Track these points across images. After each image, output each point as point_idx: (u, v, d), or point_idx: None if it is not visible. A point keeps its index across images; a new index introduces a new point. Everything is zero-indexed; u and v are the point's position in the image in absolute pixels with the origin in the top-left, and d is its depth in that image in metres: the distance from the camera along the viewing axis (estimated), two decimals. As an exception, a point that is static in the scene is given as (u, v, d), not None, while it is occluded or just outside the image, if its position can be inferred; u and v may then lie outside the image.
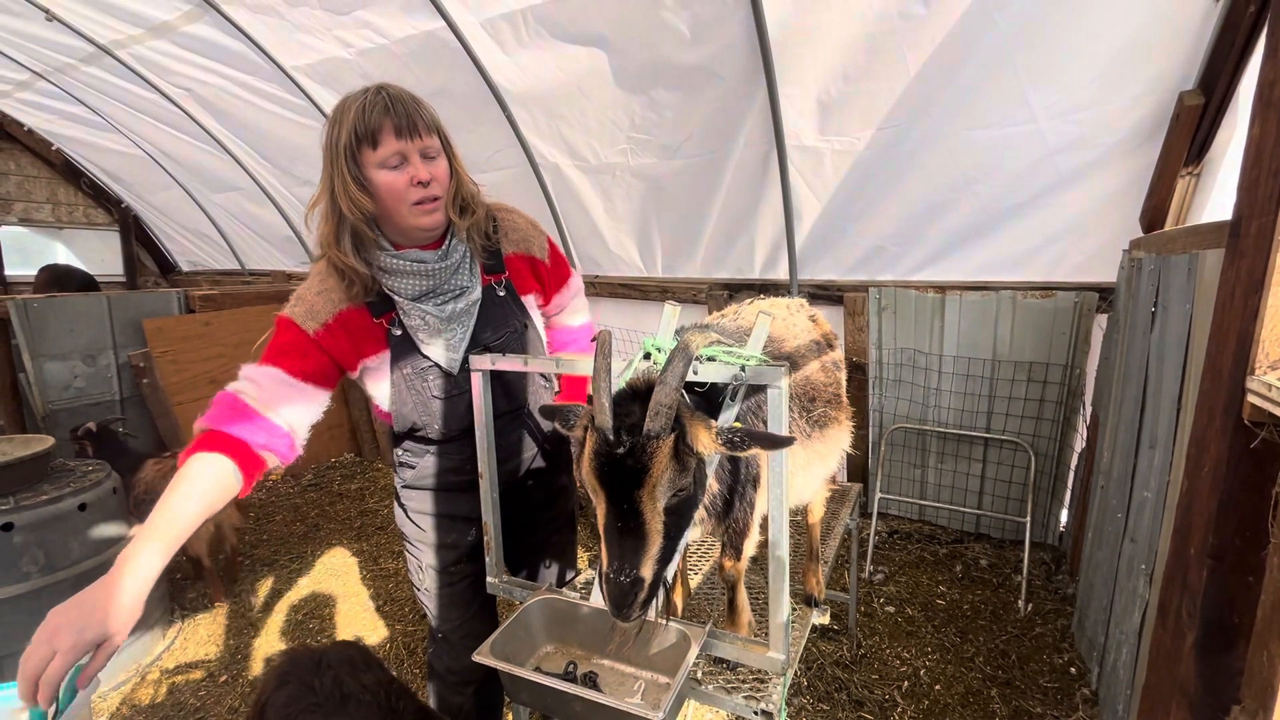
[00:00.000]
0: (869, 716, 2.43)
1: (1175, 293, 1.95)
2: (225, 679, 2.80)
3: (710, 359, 1.17)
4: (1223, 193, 2.43)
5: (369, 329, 1.47)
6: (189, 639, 3.09)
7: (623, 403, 1.11)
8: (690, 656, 1.26)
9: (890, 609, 3.08)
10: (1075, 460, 3.33)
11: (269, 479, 5.03)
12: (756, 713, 1.31)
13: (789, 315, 1.76)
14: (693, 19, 3.07)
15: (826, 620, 2.88)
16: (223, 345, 4.77)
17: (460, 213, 1.50)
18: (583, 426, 1.13)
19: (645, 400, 1.06)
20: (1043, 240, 3.14)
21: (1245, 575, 1.19)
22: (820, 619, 1.89)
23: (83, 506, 2.68)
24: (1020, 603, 3.05)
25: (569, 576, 1.91)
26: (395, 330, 1.48)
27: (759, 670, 1.39)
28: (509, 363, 1.45)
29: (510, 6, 3.37)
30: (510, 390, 1.63)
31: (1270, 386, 1.05)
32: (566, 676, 1.34)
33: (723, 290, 4.04)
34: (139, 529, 3.15)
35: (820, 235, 3.62)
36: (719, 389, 1.23)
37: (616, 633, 1.38)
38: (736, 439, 1.07)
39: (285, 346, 1.42)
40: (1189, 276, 1.83)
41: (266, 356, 1.42)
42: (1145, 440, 2.13)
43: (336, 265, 1.42)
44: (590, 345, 1.85)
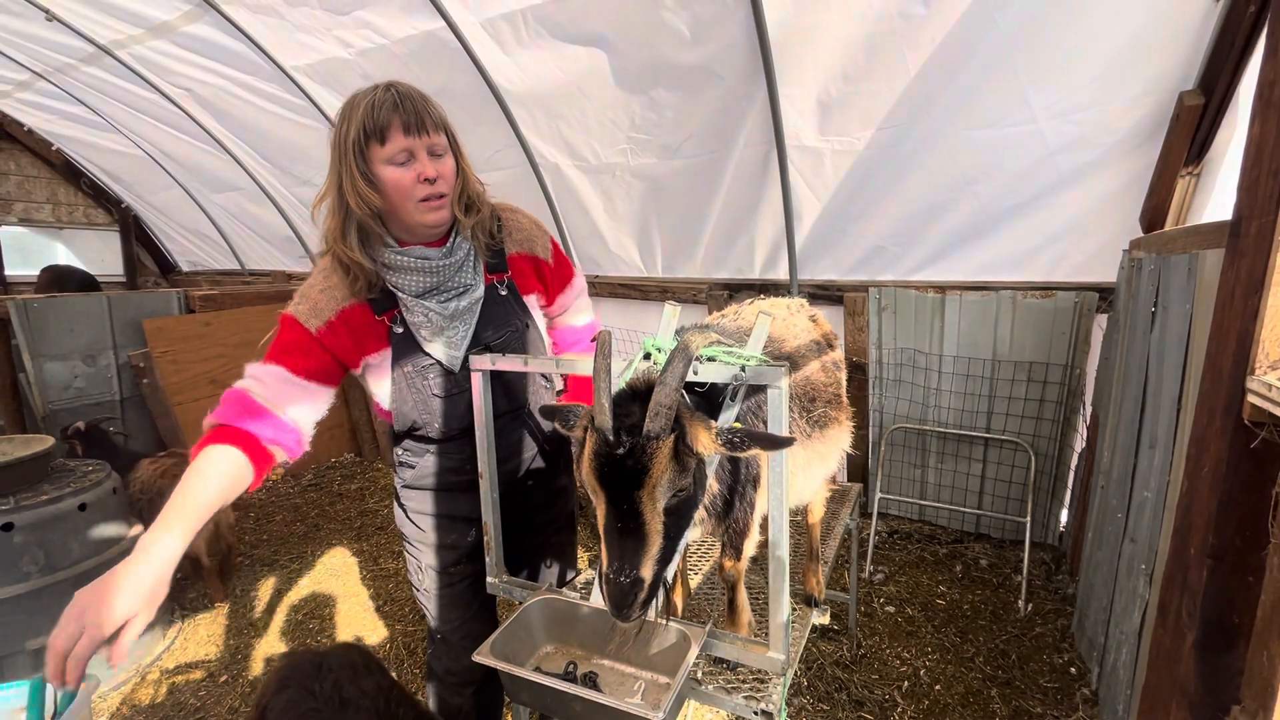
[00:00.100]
0: (869, 716, 2.43)
1: (1175, 293, 1.95)
2: (225, 679, 2.80)
3: (710, 359, 1.17)
4: (1223, 193, 2.43)
5: (371, 326, 1.48)
6: (189, 639, 3.09)
7: (622, 403, 1.11)
8: (690, 656, 1.26)
9: (890, 609, 3.08)
10: (1075, 460, 3.33)
11: (269, 479, 5.04)
12: (756, 713, 1.31)
13: (789, 315, 1.76)
14: (693, 19, 3.07)
15: (826, 620, 2.88)
16: (223, 345, 4.77)
17: (465, 211, 1.51)
18: (582, 427, 1.13)
19: (645, 401, 1.06)
20: (1043, 240, 3.14)
21: (1245, 575, 1.19)
22: (820, 619, 1.89)
23: (83, 506, 2.68)
24: (1020, 603, 3.06)
25: (569, 577, 1.91)
26: (397, 328, 1.49)
27: (759, 670, 1.39)
28: (509, 363, 1.45)
29: (510, 6, 3.37)
30: (511, 390, 1.63)
31: (1270, 386, 1.05)
32: (566, 676, 1.34)
33: (723, 290, 4.04)
34: (139, 529, 3.13)
35: (820, 235, 3.62)
36: (719, 389, 1.23)
37: (616, 633, 1.38)
38: (736, 439, 1.07)
39: (288, 345, 1.43)
40: (1189, 276, 1.83)
41: (270, 355, 1.43)
42: (1145, 440, 2.13)
43: (342, 260, 1.43)
44: (593, 345, 1.85)
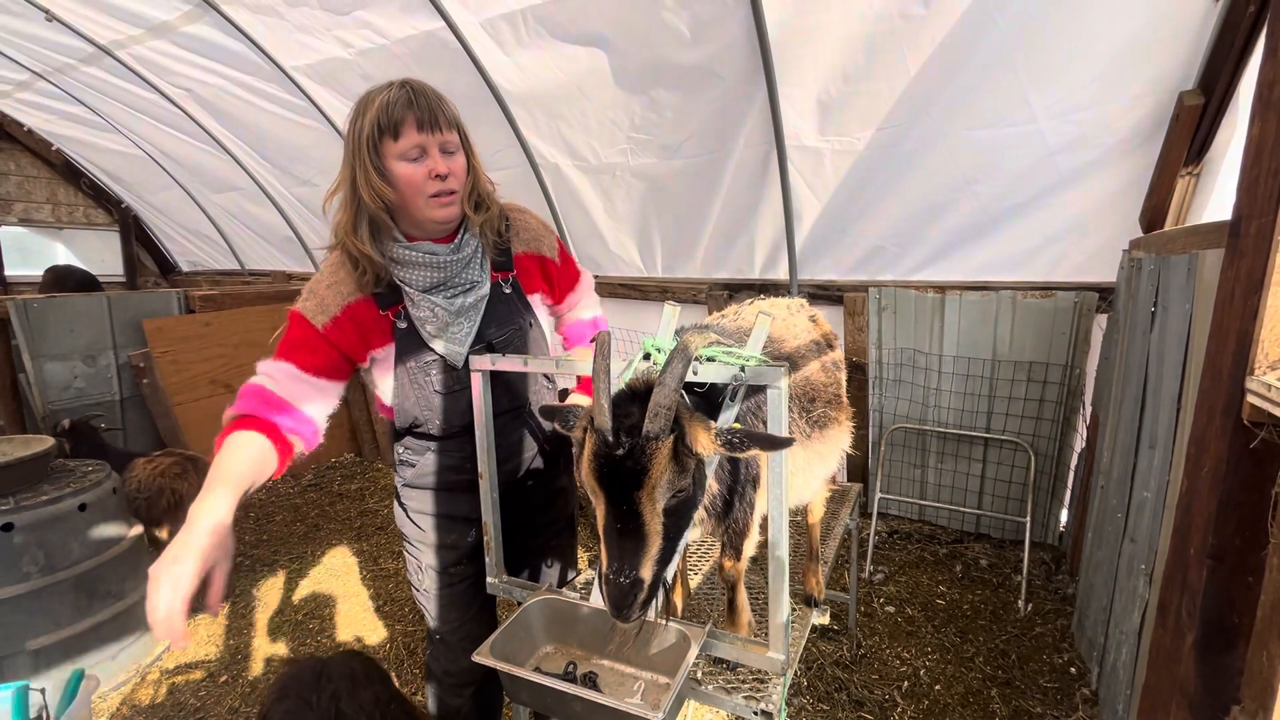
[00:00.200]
0: (869, 716, 2.43)
1: (1175, 293, 1.95)
2: (225, 679, 2.80)
3: (710, 359, 1.17)
4: (1222, 193, 2.43)
5: (376, 320, 1.50)
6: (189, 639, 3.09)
7: (622, 404, 1.11)
8: (690, 657, 1.26)
9: (890, 609, 3.08)
10: (1075, 460, 3.33)
11: (270, 478, 5.03)
12: (756, 713, 1.31)
13: (789, 315, 1.76)
14: (693, 19, 3.07)
15: (826, 620, 2.88)
16: (223, 345, 4.77)
17: (475, 208, 1.53)
18: (582, 427, 1.13)
19: (644, 401, 1.06)
20: (1043, 240, 3.14)
21: (1245, 575, 1.19)
22: (820, 619, 1.89)
23: (83, 507, 2.68)
24: (1020, 603, 3.05)
25: (570, 577, 1.91)
26: (401, 323, 1.50)
27: (759, 670, 1.39)
28: (509, 363, 1.45)
29: (510, 6, 3.37)
30: (512, 389, 1.63)
31: (1270, 386, 1.05)
32: (566, 677, 1.34)
33: (723, 290, 4.03)
34: (139, 529, 3.12)
35: (820, 235, 3.62)
36: (719, 389, 1.23)
37: (616, 633, 1.38)
38: (736, 440, 1.07)
39: (296, 342, 1.46)
40: (1189, 276, 1.83)
41: (280, 352, 1.46)
42: (1145, 440, 2.13)
43: (351, 253, 1.45)
44: (600, 320, 1.87)
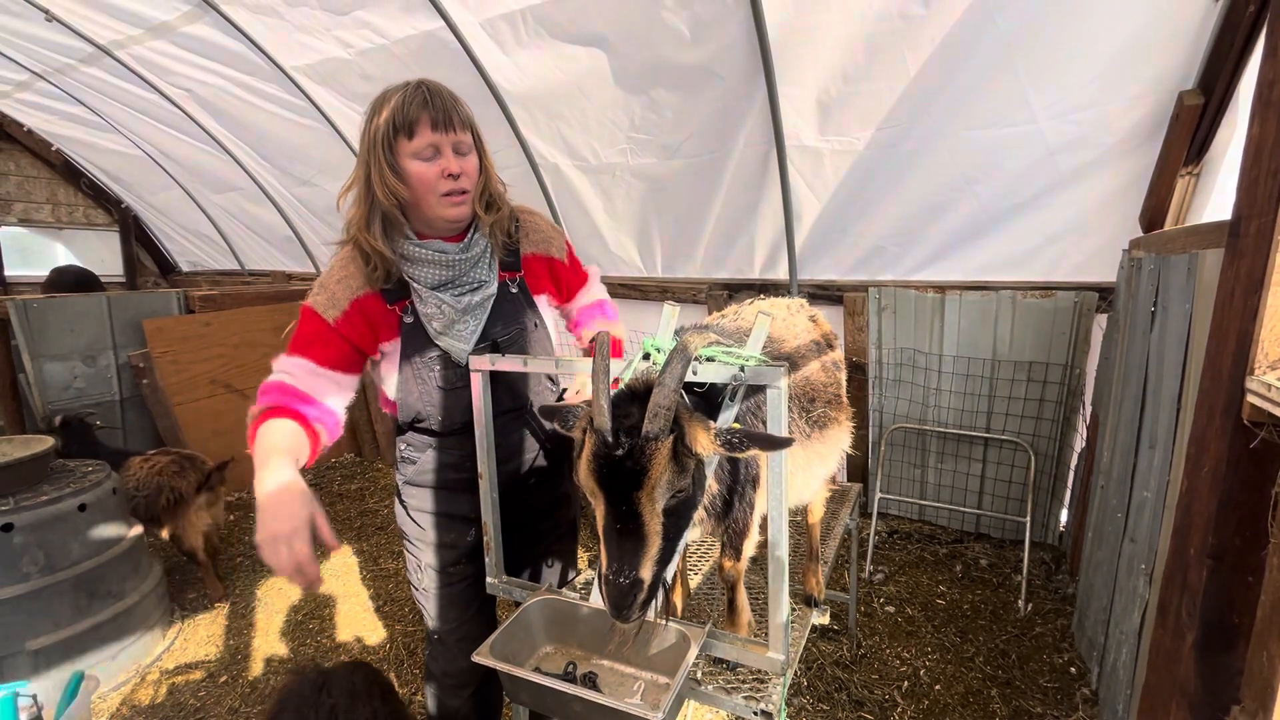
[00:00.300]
0: (869, 716, 2.43)
1: (1175, 292, 1.94)
2: (225, 679, 2.80)
3: (709, 359, 1.17)
4: (1222, 193, 2.43)
5: (384, 315, 1.52)
6: (189, 639, 3.08)
7: (621, 404, 1.11)
8: (690, 657, 1.26)
9: (890, 609, 3.08)
10: (1075, 460, 3.33)
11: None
12: (756, 713, 1.31)
13: (789, 315, 1.76)
14: (693, 19, 3.07)
15: (826, 620, 2.88)
16: (223, 345, 4.77)
17: (486, 208, 1.56)
18: (581, 428, 1.13)
19: (644, 401, 1.06)
20: (1043, 240, 3.14)
21: (1245, 575, 1.19)
22: (820, 619, 1.89)
23: (83, 507, 2.68)
24: (1020, 603, 3.05)
25: (570, 577, 1.91)
26: (407, 318, 1.52)
27: (759, 670, 1.39)
28: (508, 363, 1.45)
29: (510, 6, 3.37)
30: (514, 389, 1.64)
31: (1270, 386, 1.05)
32: (566, 677, 1.34)
33: (722, 290, 4.03)
34: (139, 529, 3.11)
35: (820, 235, 3.62)
36: (718, 389, 1.23)
37: (616, 633, 1.38)
38: (735, 440, 1.07)
39: (309, 337, 1.49)
40: (1189, 276, 1.83)
41: (294, 347, 1.49)
42: (1145, 440, 2.13)
43: (363, 249, 1.47)
44: (611, 312, 1.89)
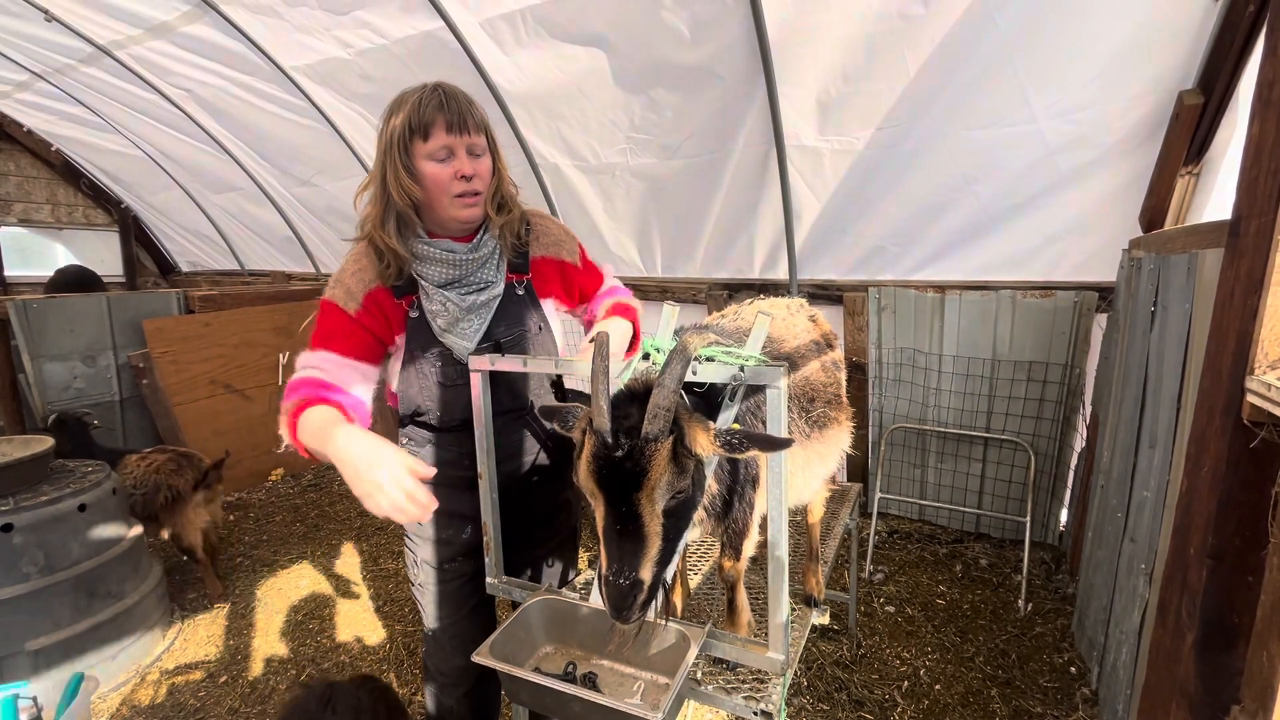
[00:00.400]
0: (869, 716, 2.43)
1: (1175, 292, 1.94)
2: (225, 679, 2.80)
3: (709, 359, 1.17)
4: (1222, 192, 2.43)
5: (393, 308, 1.55)
6: (189, 639, 3.08)
7: (621, 405, 1.11)
8: (690, 657, 1.26)
9: (890, 609, 3.08)
10: (1075, 460, 3.33)
11: (269, 478, 5.04)
12: (756, 713, 1.31)
13: (789, 315, 1.76)
14: (692, 19, 3.07)
15: (826, 620, 2.88)
16: (222, 345, 4.77)
17: (497, 210, 1.58)
18: (580, 429, 1.13)
19: (643, 402, 1.06)
20: (1042, 240, 3.14)
21: (1245, 575, 1.19)
22: (820, 619, 1.90)
23: (82, 507, 2.68)
24: (1020, 602, 3.05)
25: (570, 577, 1.91)
26: (413, 313, 1.54)
27: (759, 670, 1.39)
28: (508, 363, 1.46)
29: (509, 6, 3.37)
30: (514, 390, 1.64)
31: (1270, 386, 1.05)
32: (566, 677, 1.34)
33: (722, 290, 4.03)
34: (138, 529, 3.10)
35: (820, 235, 3.62)
36: (718, 389, 1.23)
37: (616, 633, 1.37)
38: (735, 441, 1.07)
39: (332, 330, 1.50)
40: (1188, 276, 1.83)
41: (317, 341, 1.50)
42: (1145, 440, 2.13)
43: (377, 246, 1.50)
44: (623, 292, 1.87)
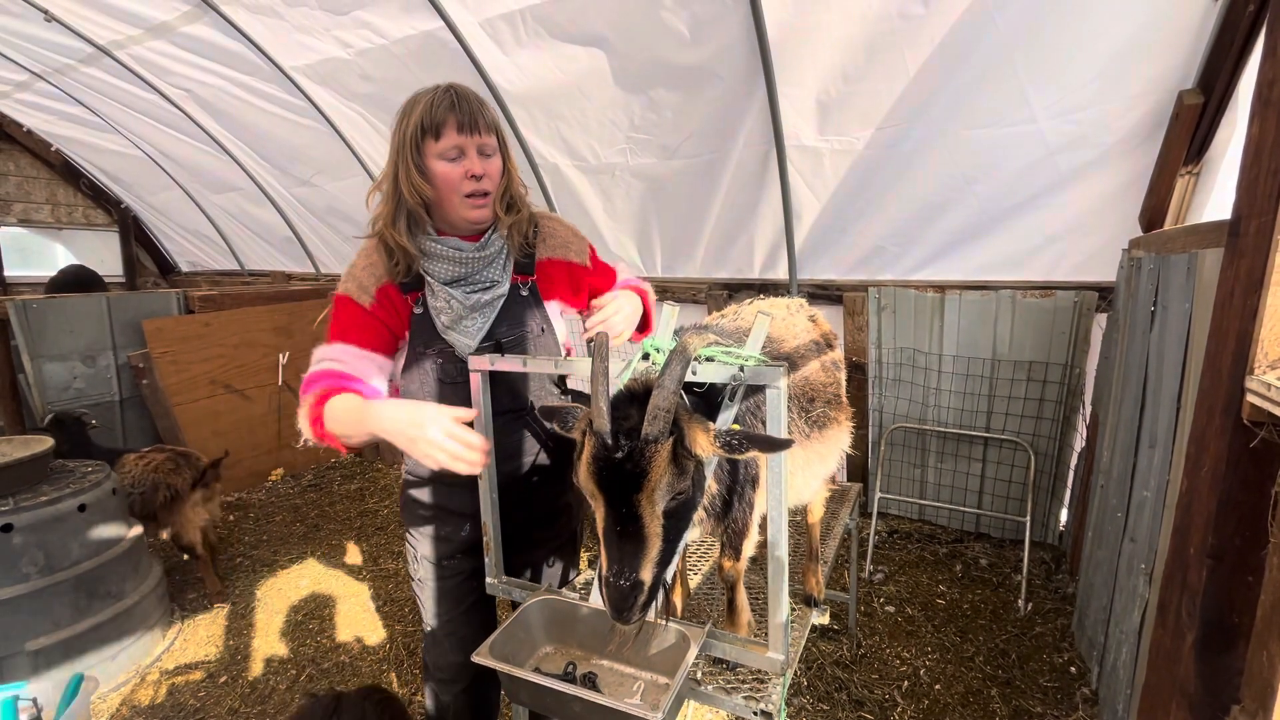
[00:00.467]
0: (869, 716, 2.43)
1: (1175, 292, 1.94)
2: (225, 679, 2.80)
3: (709, 360, 1.17)
4: (1222, 192, 2.43)
5: (400, 303, 1.57)
6: (189, 639, 3.08)
7: (620, 406, 1.11)
8: (689, 657, 1.26)
9: (890, 609, 3.08)
10: (1075, 460, 3.33)
11: (269, 479, 5.04)
12: (756, 713, 1.31)
13: (788, 315, 1.76)
14: (692, 19, 3.07)
15: (826, 620, 2.88)
16: (222, 345, 4.76)
17: (506, 210, 1.59)
18: (580, 430, 1.13)
19: (643, 403, 1.06)
20: (1042, 240, 3.14)
21: (1245, 575, 1.19)
22: (820, 619, 1.90)
23: (82, 507, 2.68)
24: (1020, 602, 3.05)
25: (570, 577, 1.92)
26: (417, 309, 1.56)
27: (759, 670, 1.39)
28: (507, 363, 1.45)
29: (509, 6, 3.37)
30: (514, 390, 1.64)
31: (1269, 386, 1.05)
32: (566, 677, 1.34)
33: (722, 290, 4.03)
34: (138, 529, 3.10)
35: (820, 235, 3.62)
36: (718, 389, 1.23)
37: (616, 633, 1.37)
38: (735, 442, 1.07)
39: (349, 323, 1.53)
40: (1188, 276, 1.83)
41: (334, 335, 1.53)
42: (1145, 439, 2.13)
43: (388, 243, 1.52)
44: (636, 280, 1.87)
